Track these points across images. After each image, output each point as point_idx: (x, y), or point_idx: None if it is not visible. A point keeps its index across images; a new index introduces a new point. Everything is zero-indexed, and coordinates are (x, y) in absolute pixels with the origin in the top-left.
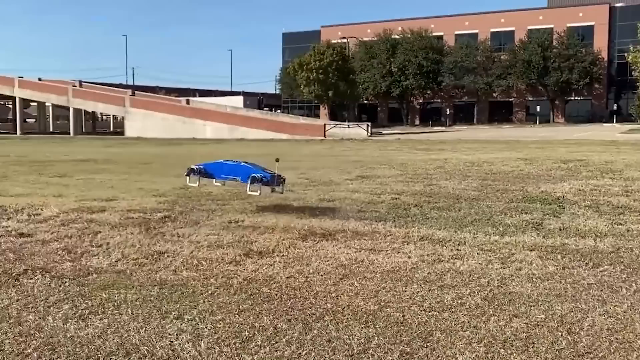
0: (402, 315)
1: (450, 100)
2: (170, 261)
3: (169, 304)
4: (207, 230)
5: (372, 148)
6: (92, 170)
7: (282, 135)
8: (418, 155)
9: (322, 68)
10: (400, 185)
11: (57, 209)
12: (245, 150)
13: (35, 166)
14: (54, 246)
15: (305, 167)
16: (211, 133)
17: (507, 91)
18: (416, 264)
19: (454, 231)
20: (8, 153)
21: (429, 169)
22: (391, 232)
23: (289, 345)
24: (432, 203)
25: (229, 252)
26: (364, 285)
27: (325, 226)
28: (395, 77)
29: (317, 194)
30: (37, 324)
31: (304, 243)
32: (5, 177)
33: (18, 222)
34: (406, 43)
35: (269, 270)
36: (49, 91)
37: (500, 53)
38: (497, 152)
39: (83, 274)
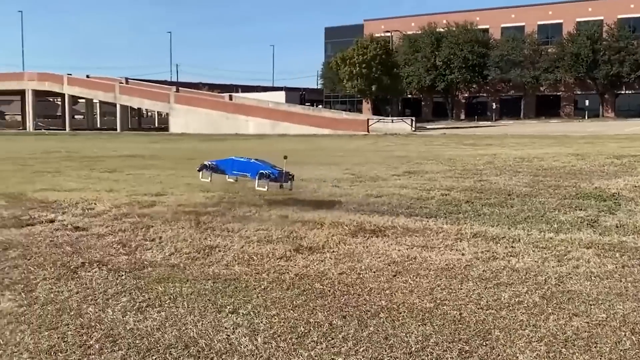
0: (459, 313)
1: (496, 95)
2: (222, 256)
3: (223, 298)
4: (256, 225)
5: (418, 143)
6: (140, 165)
7: (324, 130)
8: (466, 151)
9: (365, 62)
10: (449, 181)
11: (110, 204)
12: (287, 146)
13: (86, 162)
14: (109, 240)
15: (349, 163)
16: (253, 128)
17: (555, 85)
18: (470, 261)
19: (507, 228)
20: (59, 149)
21: (478, 165)
22: (443, 229)
23: (345, 341)
24: (484, 199)
25: (279, 248)
26: (418, 282)
27: (374, 222)
28: (440, 70)
29: (364, 190)
30: (97, 316)
31: (354, 239)
32: (59, 172)
33: (73, 216)
34: (451, 36)
35: (320, 266)
36: (97, 88)
37: (548, 46)
38: (547, 148)
39: (138, 267)
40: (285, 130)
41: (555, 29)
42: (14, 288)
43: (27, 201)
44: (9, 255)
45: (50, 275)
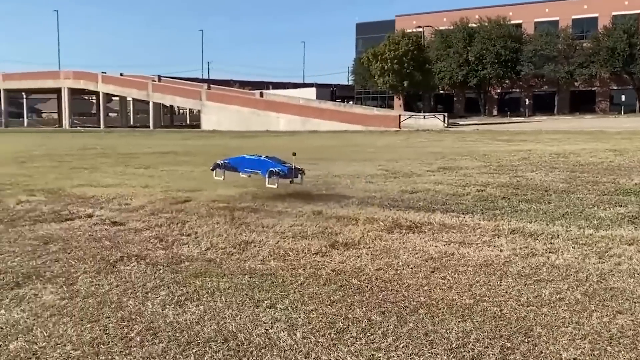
0: (500, 310)
1: (529, 90)
2: (257, 251)
3: (260, 293)
4: (290, 220)
5: (451, 139)
6: (174, 162)
7: (355, 126)
8: (500, 146)
9: (397, 58)
10: (484, 177)
11: (146, 199)
12: (318, 142)
13: (121, 158)
14: (146, 234)
15: (382, 159)
16: (284, 125)
17: (590, 80)
18: (509, 257)
19: (545, 224)
20: (95, 146)
21: (513, 160)
22: (480, 225)
23: (384, 337)
24: (520, 195)
25: (314, 243)
26: (457, 278)
27: (410, 218)
28: (473, 66)
29: (399, 186)
30: (138, 309)
31: (390, 235)
32: (95, 169)
33: (110, 211)
34: (484, 32)
35: (357, 262)
36: (130, 86)
37: (583, 41)
38: (583, 143)
39: (176, 262)
40: (316, 127)
41: (590, 23)
42: (55, 281)
43: (66, 196)
44: (50, 249)
45: (91, 268)
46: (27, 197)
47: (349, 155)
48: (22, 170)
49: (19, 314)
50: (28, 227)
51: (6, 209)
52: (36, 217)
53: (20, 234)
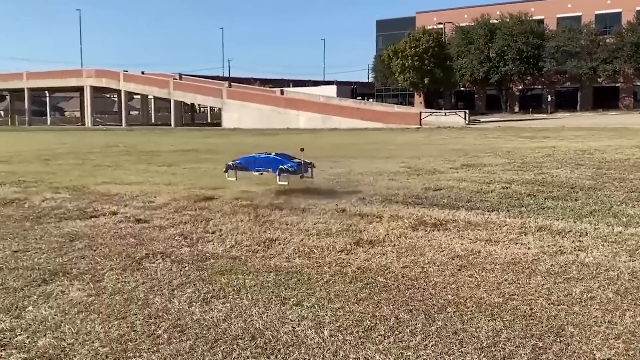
0: (530, 309)
1: (551, 87)
2: (282, 248)
3: (286, 291)
4: (314, 218)
5: (473, 136)
6: (196, 160)
7: (376, 124)
8: (523, 143)
9: (417, 55)
10: (509, 174)
11: (169, 197)
12: (339, 140)
13: (144, 156)
14: (171, 232)
15: (405, 156)
16: (305, 123)
17: (613, 76)
18: (537, 255)
19: (572, 222)
20: (117, 143)
21: (538, 157)
22: (506, 223)
23: (413, 335)
24: (546, 192)
25: (338, 241)
26: (484, 277)
27: (434, 215)
28: (494, 63)
29: (422, 183)
30: (164, 306)
31: (415, 233)
32: (118, 166)
33: (135, 208)
34: (505, 28)
35: (382, 259)
36: (152, 84)
37: (606, 36)
38: (608, 140)
39: (201, 259)
40: (336, 125)
41: (613, 19)
42: (82, 278)
43: (90, 194)
44: (75, 246)
45: (116, 265)
46: (52, 195)
47: (371, 153)
48: (47, 168)
49: (47, 311)
50: (54, 224)
51: (32, 206)
52: (61, 215)
53: (46, 231)
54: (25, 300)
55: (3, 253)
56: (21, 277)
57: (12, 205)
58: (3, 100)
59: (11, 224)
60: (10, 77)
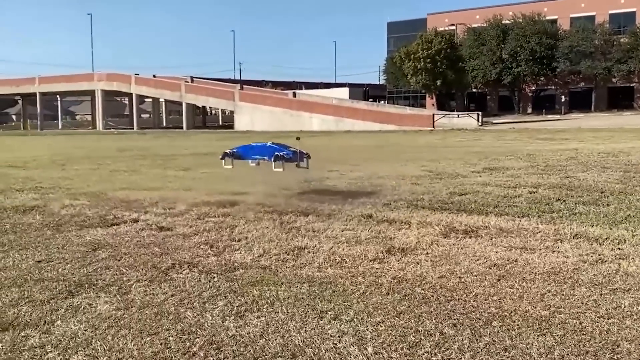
0: (579, 322)
1: (565, 87)
2: (312, 257)
3: (322, 303)
4: (341, 225)
5: (489, 138)
6: (213, 164)
7: (389, 126)
8: (543, 145)
9: (429, 57)
10: (533, 177)
11: (190, 203)
12: (356, 142)
13: (160, 160)
14: (195, 240)
15: (424, 159)
16: (318, 125)
17: (628, 76)
18: (577, 264)
19: (608, 228)
20: (131, 147)
21: (561, 160)
22: (539, 229)
23: (461, 352)
24: (576, 197)
25: (369, 249)
26: (526, 287)
27: (464, 222)
28: (507, 64)
29: (446, 188)
30: (197, 320)
31: (447, 240)
32: (135, 171)
33: (155, 215)
34: (518, 28)
35: (417, 269)
36: (163, 87)
37: (620, 36)
38: (630, 142)
39: (229, 269)
40: (349, 127)
41: (628, 18)
42: (108, 290)
43: (109, 200)
44: (99, 255)
45: (143, 276)
46: (70, 202)
47: (389, 156)
48: (63, 174)
49: (76, 326)
50: (75, 232)
51: (51, 214)
52: (82, 222)
53: (68, 239)
54: (53, 314)
55: (26, 263)
56: (47, 289)
57: (31, 212)
58: (15, 105)
59: (32, 233)
60: (23, 82)
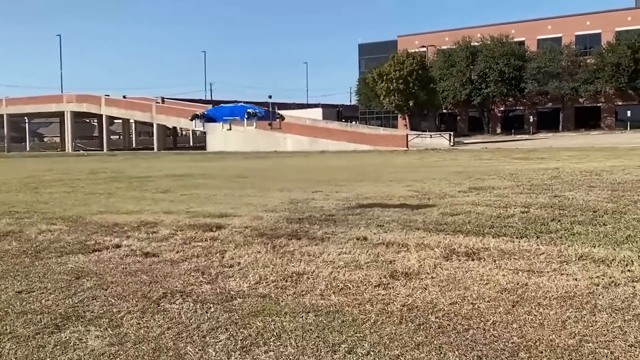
0: (610, 352)
1: (533, 107)
2: (313, 283)
3: (333, 334)
4: (336, 248)
5: (466, 158)
6: (192, 185)
7: (363, 146)
8: (522, 165)
9: (402, 78)
10: (522, 197)
11: (174, 227)
12: (334, 162)
13: (136, 182)
14: (185, 267)
15: (407, 179)
16: (292, 145)
17: (595, 96)
18: (589, 287)
19: (612, 249)
20: (104, 169)
21: (544, 179)
22: (541, 250)
23: None
24: (570, 217)
25: (371, 274)
26: (544, 313)
27: (463, 243)
28: (476, 85)
29: (437, 208)
30: (200, 357)
31: (450, 263)
32: (112, 194)
33: (138, 240)
34: (486, 50)
35: (425, 294)
36: (134, 108)
37: (587, 57)
38: (607, 160)
39: (226, 298)
40: (324, 147)
41: (593, 39)
42: (98, 323)
43: (88, 225)
44: (84, 284)
45: (134, 307)
46: (47, 226)
47: (371, 176)
48: (37, 197)
49: None
50: (55, 259)
51: (29, 240)
52: (62, 249)
53: (49, 267)
54: (41, 352)
55: (6, 294)
56: (31, 322)
57: (6, 238)
58: None
59: (9, 260)
60: None
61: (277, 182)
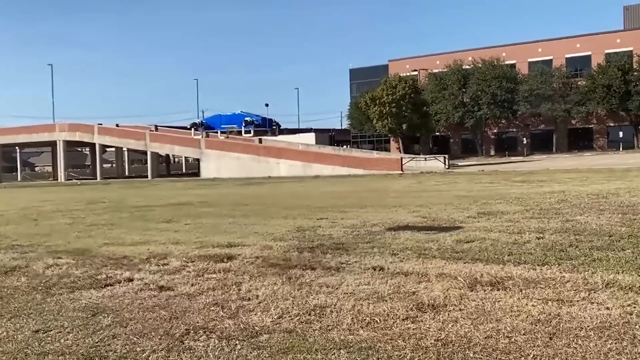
0: None
1: (526, 129)
2: (337, 317)
3: None
4: (354, 279)
5: (465, 181)
6: (194, 214)
7: (357, 170)
8: (525, 188)
9: (395, 101)
10: (533, 222)
11: (184, 258)
12: (332, 188)
13: (137, 212)
14: (203, 300)
15: (412, 205)
16: (285, 171)
17: (587, 118)
18: (624, 317)
19: (636, 275)
20: (101, 199)
21: (552, 203)
22: (566, 278)
23: None
24: (587, 242)
25: (396, 306)
26: (585, 346)
27: (484, 272)
28: (468, 107)
29: (449, 234)
30: None
31: (475, 294)
32: (114, 225)
33: (150, 273)
34: (478, 73)
35: (458, 328)
36: (128, 137)
37: (578, 79)
38: (608, 182)
39: (251, 334)
40: (317, 172)
41: (584, 62)
42: None
43: (95, 257)
44: (101, 322)
45: (158, 346)
46: (54, 260)
47: (374, 201)
48: (38, 229)
49: None
50: (66, 295)
51: (37, 275)
52: (72, 284)
53: (62, 304)
54: None
55: (22, 334)
56: None
57: (14, 274)
58: None
59: (20, 297)
60: None
61: (278, 209)
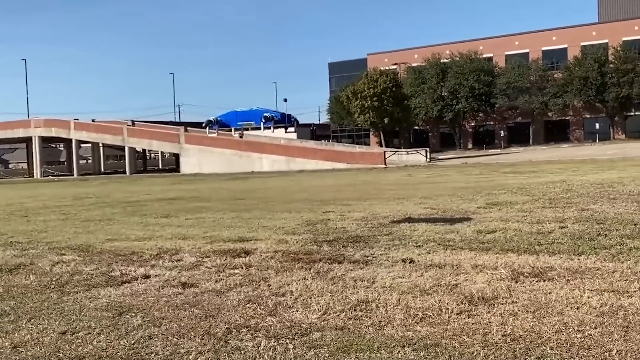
0: None
1: (503, 122)
2: (386, 313)
3: None
4: (386, 272)
5: (454, 173)
6: (192, 209)
7: (340, 164)
8: (522, 179)
9: (376, 95)
10: (548, 212)
11: (197, 253)
12: (322, 182)
13: (129, 207)
14: (234, 297)
15: (416, 196)
16: (268, 166)
17: (563, 110)
18: None
19: None
20: (86, 194)
21: (559, 193)
22: (611, 268)
23: None
24: (614, 231)
25: (445, 299)
26: None
27: (521, 263)
28: (447, 101)
29: (467, 225)
30: None
31: (522, 285)
32: (111, 220)
33: (166, 269)
34: (456, 66)
35: (521, 322)
36: (104, 132)
37: (554, 71)
38: (602, 172)
39: (301, 333)
40: (301, 166)
41: (560, 54)
42: None
43: (102, 254)
44: (131, 321)
45: (202, 347)
46: (59, 257)
47: (374, 194)
48: (32, 226)
49: None
50: (83, 293)
51: (45, 273)
52: (86, 281)
53: (81, 303)
54: None
55: (49, 336)
56: None
57: (19, 272)
58: None
59: (34, 297)
60: None
61: (278, 203)
